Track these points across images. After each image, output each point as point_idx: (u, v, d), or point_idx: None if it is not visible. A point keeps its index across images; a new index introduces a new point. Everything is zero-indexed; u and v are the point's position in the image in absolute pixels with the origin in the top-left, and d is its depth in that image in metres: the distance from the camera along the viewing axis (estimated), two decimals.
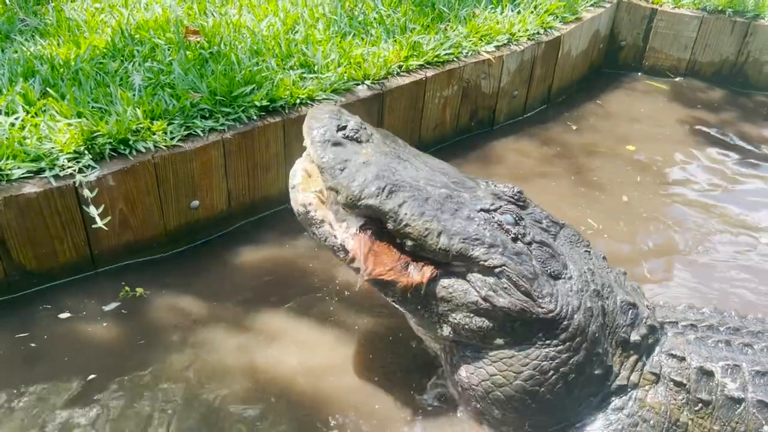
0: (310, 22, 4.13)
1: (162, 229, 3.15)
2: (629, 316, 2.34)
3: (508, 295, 2.18)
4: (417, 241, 2.16)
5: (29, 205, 2.71)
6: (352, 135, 2.28)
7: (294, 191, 2.35)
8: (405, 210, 2.15)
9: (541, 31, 4.68)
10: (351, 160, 2.20)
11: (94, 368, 2.62)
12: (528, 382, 2.21)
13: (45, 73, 3.23)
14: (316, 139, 2.25)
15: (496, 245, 2.20)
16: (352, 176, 2.17)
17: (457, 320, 2.22)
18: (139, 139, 2.96)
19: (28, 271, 2.86)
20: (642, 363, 2.33)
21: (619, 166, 4.37)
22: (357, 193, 2.16)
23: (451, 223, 2.18)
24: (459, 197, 2.28)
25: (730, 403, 2.27)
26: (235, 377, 2.65)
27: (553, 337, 2.20)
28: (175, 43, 3.63)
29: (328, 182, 2.20)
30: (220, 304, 2.98)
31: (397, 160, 2.29)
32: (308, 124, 2.31)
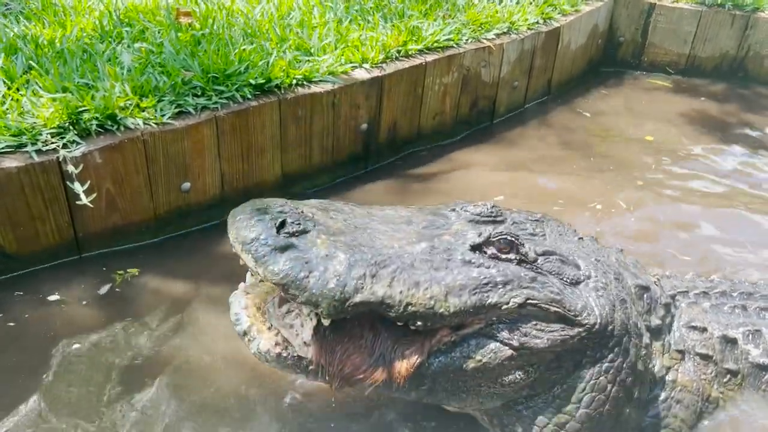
0: (305, 9, 4.01)
1: (152, 213, 2.98)
2: (645, 301, 2.14)
3: (543, 332, 1.90)
4: (426, 316, 1.78)
5: (9, 181, 2.54)
6: (297, 229, 1.80)
7: (249, 339, 1.89)
8: (398, 288, 1.77)
9: (540, 21, 4.60)
10: (311, 259, 1.74)
11: (76, 352, 2.45)
12: (591, 407, 1.95)
13: (28, 51, 3.08)
14: (260, 252, 1.73)
15: (510, 280, 1.89)
16: (324, 278, 1.72)
17: (499, 384, 1.91)
18: (128, 115, 2.81)
19: (8, 254, 2.68)
20: (667, 344, 2.14)
21: (625, 156, 4.26)
22: (340, 295, 1.71)
23: (451, 278, 1.84)
24: (442, 244, 1.94)
25: (756, 371, 2.13)
26: (225, 362, 2.47)
27: (603, 347, 1.96)
28: (166, 26, 3.49)
29: (299, 298, 1.71)
30: (210, 291, 2.80)
31: (358, 232, 1.90)
32: (239, 237, 1.79)
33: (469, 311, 1.83)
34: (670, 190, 3.90)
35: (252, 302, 1.96)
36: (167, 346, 2.52)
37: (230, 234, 1.83)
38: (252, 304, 1.95)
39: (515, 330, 1.88)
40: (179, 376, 2.40)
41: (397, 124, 3.90)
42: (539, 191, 3.77)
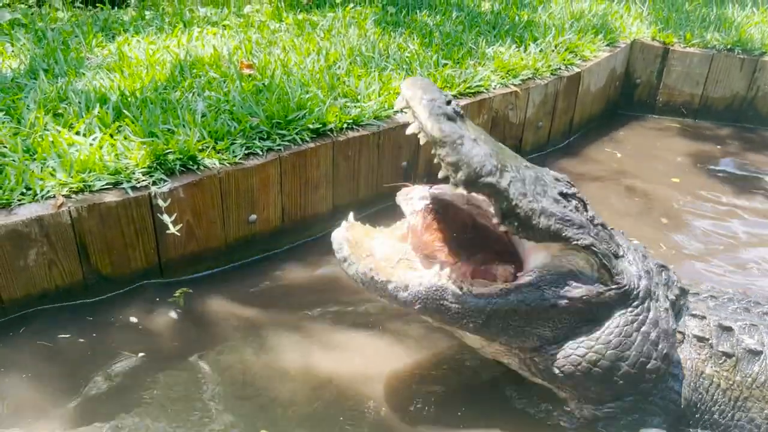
0: (350, 59, 4.46)
1: (223, 241, 3.39)
2: (663, 276, 2.56)
3: (583, 287, 2.31)
4: (523, 220, 2.20)
5: (109, 213, 2.96)
6: (460, 111, 2.19)
7: (348, 264, 2.32)
8: (513, 189, 2.17)
9: (562, 67, 5.01)
10: (465, 135, 2.10)
11: (148, 366, 2.81)
12: (618, 348, 2.32)
13: (116, 100, 3.54)
14: (434, 111, 2.09)
15: (584, 226, 2.33)
16: (471, 153, 2.08)
17: (540, 327, 2.33)
18: (206, 156, 3.24)
19: (103, 276, 3.10)
20: (674, 321, 2.51)
21: (647, 198, 4.61)
22: (478, 170, 2.07)
23: (546, 204, 2.26)
24: (543, 179, 2.37)
25: (750, 356, 2.45)
26: (289, 379, 2.80)
27: (629, 305, 2.36)
28: (230, 76, 3.95)
29: (449, 157, 2.07)
30: (275, 312, 3.18)
31: (492, 144, 2.29)
32: (419, 95, 2.13)
33: (550, 234, 2.26)
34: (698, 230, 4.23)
35: (351, 237, 2.39)
36: (232, 363, 2.88)
37: (408, 90, 2.17)
38: (351, 238, 2.38)
39: (562, 283, 2.31)
40: (242, 387, 2.75)
41: (433, 161, 4.29)
42: None
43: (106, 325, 2.99)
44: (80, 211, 2.88)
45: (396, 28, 5.22)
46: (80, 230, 2.92)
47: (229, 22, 5.20)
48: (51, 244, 2.88)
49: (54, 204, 2.84)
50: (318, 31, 5.03)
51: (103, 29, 4.83)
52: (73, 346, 2.86)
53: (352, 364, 2.91)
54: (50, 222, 2.83)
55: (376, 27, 5.18)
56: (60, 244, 2.90)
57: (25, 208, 2.81)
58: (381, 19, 5.40)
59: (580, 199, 2.43)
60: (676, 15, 6.46)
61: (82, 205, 2.89)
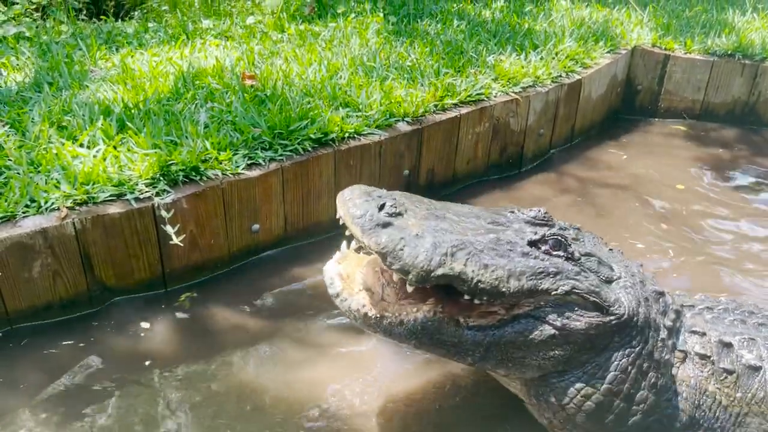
0: (351, 69, 4.49)
1: (226, 251, 3.41)
2: (660, 304, 2.53)
3: (581, 317, 2.30)
4: (491, 293, 2.19)
5: (113, 225, 2.99)
6: (394, 211, 2.22)
7: (341, 300, 2.31)
8: (471, 267, 2.17)
9: (563, 74, 5.03)
10: (405, 237, 2.15)
11: (150, 374, 2.84)
12: (613, 383, 2.33)
13: (119, 112, 3.57)
14: (366, 226, 2.17)
15: (560, 271, 2.29)
16: (415, 253, 2.12)
17: (540, 358, 2.31)
18: (209, 167, 3.26)
19: (107, 287, 3.12)
20: (674, 344, 2.50)
21: (651, 202, 4.61)
22: (426, 267, 2.12)
23: (513, 265, 2.23)
24: (505, 237, 2.33)
25: (749, 372, 2.44)
26: (291, 387, 2.83)
27: (626, 335, 2.35)
28: (232, 88, 3.98)
29: (394, 265, 2.13)
30: (277, 319, 3.20)
31: (438, 220, 2.30)
32: (349, 213, 2.22)
33: (525, 293, 2.23)
34: (698, 234, 4.24)
35: (343, 270, 2.39)
36: (234, 369, 2.90)
37: (341, 210, 2.27)
38: (343, 272, 2.38)
39: (559, 313, 2.29)
40: (243, 396, 2.78)
41: (434, 169, 4.32)
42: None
43: (110, 335, 3.01)
44: (84, 223, 2.91)
45: (397, 37, 5.26)
46: (84, 242, 2.94)
47: (232, 33, 5.24)
48: (55, 256, 2.90)
49: (58, 216, 2.87)
50: (320, 42, 5.07)
51: (107, 42, 4.88)
52: (75, 356, 2.88)
53: (354, 371, 2.92)
54: (54, 234, 2.86)
55: (377, 37, 5.21)
56: (64, 256, 2.92)
57: (30, 220, 2.84)
58: (382, 29, 5.43)
59: (554, 238, 2.36)
60: (677, 21, 6.48)
61: (86, 216, 2.92)
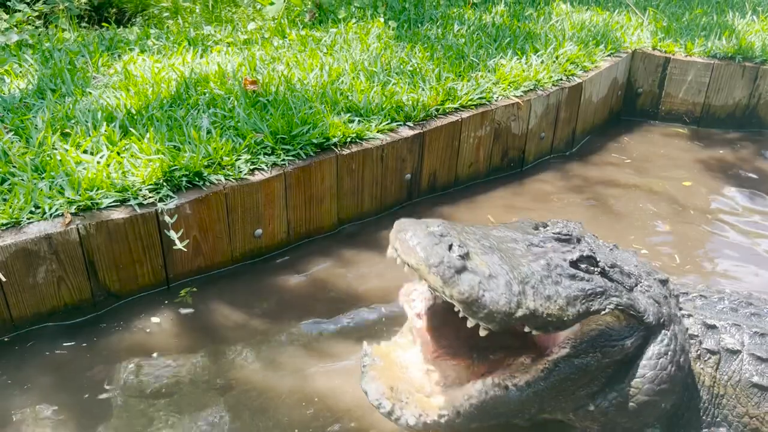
0: (353, 74, 4.51)
1: (229, 256, 3.42)
2: (666, 292, 2.56)
3: (615, 341, 2.32)
4: (556, 325, 2.18)
5: (117, 230, 3.00)
6: (464, 252, 2.07)
7: (395, 418, 2.22)
8: (539, 302, 2.12)
9: (564, 78, 5.05)
10: (482, 281, 2.04)
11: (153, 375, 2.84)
12: (654, 382, 2.34)
13: (122, 118, 3.58)
14: (447, 275, 1.99)
15: (605, 288, 2.30)
16: (496, 298, 2.03)
17: (588, 389, 2.34)
18: (212, 172, 3.28)
19: (111, 293, 3.13)
20: None
21: (654, 203, 4.62)
22: (508, 311, 2.04)
23: (567, 291, 2.22)
24: (552, 261, 2.30)
25: (728, 355, 2.48)
26: (290, 390, 2.83)
27: (658, 334, 2.38)
28: (234, 93, 4.00)
29: (478, 314, 2.02)
30: (278, 322, 3.20)
31: (494, 253, 2.20)
32: (421, 261, 2.02)
33: (582, 316, 2.24)
34: (703, 227, 4.25)
35: (385, 384, 2.29)
36: (236, 371, 2.91)
37: (409, 257, 2.05)
38: (385, 388, 2.27)
39: (594, 345, 2.31)
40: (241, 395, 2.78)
41: (436, 173, 4.33)
42: None
43: (112, 337, 3.02)
44: (88, 229, 2.92)
45: (398, 42, 5.28)
46: (88, 247, 2.96)
47: (234, 40, 5.27)
48: (60, 262, 2.91)
49: (62, 222, 2.88)
50: (321, 47, 5.09)
51: (109, 48, 4.90)
52: (80, 360, 2.89)
53: (353, 377, 2.92)
54: (59, 240, 2.87)
55: (378, 42, 5.23)
56: (68, 262, 2.94)
57: (34, 226, 2.86)
58: (383, 34, 5.45)
59: (588, 257, 2.36)
60: (677, 24, 6.50)
61: (90, 222, 2.93)
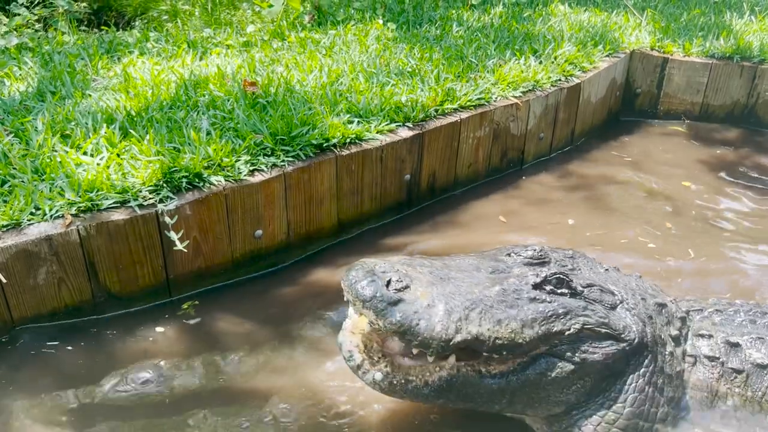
0: (352, 75, 4.52)
1: (230, 257, 3.43)
2: (663, 315, 2.55)
3: (597, 349, 2.33)
4: (509, 347, 2.21)
5: (117, 231, 3.01)
6: (401, 285, 2.20)
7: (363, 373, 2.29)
8: (486, 326, 2.18)
9: (562, 78, 5.06)
10: (418, 310, 2.14)
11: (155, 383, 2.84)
12: (634, 405, 2.36)
13: (122, 120, 3.59)
14: (379, 308, 2.13)
15: (568, 311, 2.32)
16: (431, 325, 2.12)
17: (563, 394, 2.34)
18: (211, 173, 3.28)
19: (112, 294, 3.13)
20: (683, 351, 2.53)
21: (654, 202, 4.63)
22: (445, 337, 2.13)
23: (524, 314, 2.25)
24: (510, 286, 2.34)
25: (758, 370, 2.47)
26: (293, 396, 2.82)
27: (639, 356, 2.38)
28: (234, 95, 4.01)
29: (413, 342, 2.13)
30: (280, 326, 3.21)
31: (444, 283, 2.29)
32: (358, 296, 2.17)
33: (541, 339, 2.26)
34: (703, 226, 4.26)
35: (359, 340, 2.36)
36: (239, 375, 2.91)
37: (349, 295, 2.21)
38: (360, 342, 2.35)
39: (576, 349, 2.31)
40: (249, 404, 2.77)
41: (436, 174, 4.34)
42: (567, 230, 4.16)
43: (114, 342, 3.02)
44: (88, 230, 2.93)
45: (397, 44, 5.29)
46: (89, 248, 2.96)
47: (233, 42, 5.28)
48: (60, 263, 2.92)
49: (63, 223, 2.89)
50: (320, 49, 5.10)
51: (109, 51, 4.91)
52: (81, 362, 2.90)
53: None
54: (59, 241, 2.88)
55: (377, 43, 5.24)
56: (69, 263, 2.94)
57: (35, 228, 2.86)
58: (382, 36, 5.46)
59: (555, 277, 2.38)
60: (675, 24, 6.51)
61: (91, 223, 2.93)
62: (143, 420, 2.64)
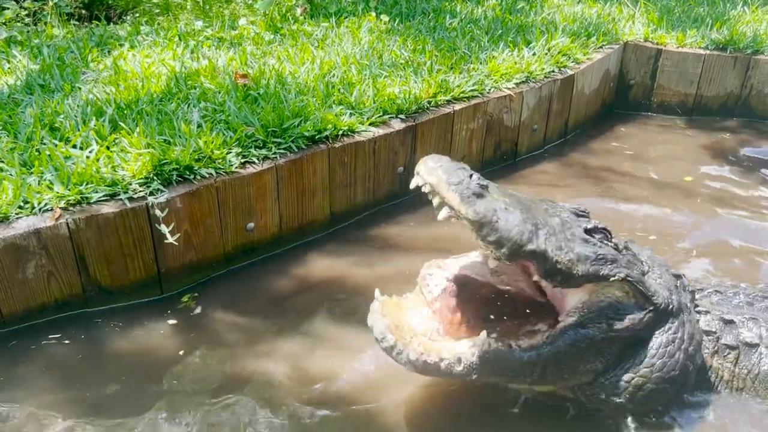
0: (345, 67, 4.49)
1: (221, 250, 3.40)
2: (680, 286, 2.59)
3: (624, 316, 2.35)
4: (565, 274, 2.24)
5: (107, 224, 2.98)
6: (484, 183, 2.19)
7: (397, 353, 2.27)
8: (551, 247, 2.20)
9: (555, 70, 5.04)
10: (497, 209, 2.15)
11: (155, 376, 2.82)
12: (663, 370, 2.38)
13: (112, 113, 3.56)
14: (465, 194, 2.11)
15: (616, 259, 2.35)
16: (509, 226, 2.13)
17: (592, 363, 2.36)
18: (202, 166, 3.25)
19: (103, 288, 3.11)
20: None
21: (650, 191, 4.62)
22: (519, 241, 2.13)
23: (579, 249, 2.29)
24: (566, 221, 2.37)
25: (747, 349, 2.52)
26: (290, 383, 2.81)
27: (666, 322, 2.41)
28: (225, 87, 3.98)
29: (490, 237, 2.12)
30: (274, 317, 3.19)
31: (513, 199, 2.30)
32: (443, 179, 2.14)
33: (589, 277, 2.29)
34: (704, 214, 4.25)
35: (391, 321, 2.35)
36: (236, 367, 2.89)
37: (430, 177, 2.18)
38: (391, 323, 2.34)
39: (603, 317, 2.34)
40: (243, 395, 2.75)
41: None
42: None
43: (107, 335, 3.00)
44: (78, 223, 2.90)
45: (390, 36, 5.26)
46: (78, 242, 2.94)
47: (225, 35, 5.24)
48: (49, 257, 2.89)
49: (51, 216, 2.86)
50: (312, 41, 5.06)
51: (99, 44, 4.86)
52: (71, 357, 2.88)
53: (354, 367, 2.91)
54: (48, 234, 2.85)
55: (369, 35, 5.21)
56: (58, 257, 2.91)
57: (23, 221, 2.83)
58: (375, 28, 5.43)
59: (603, 230, 2.42)
60: (668, 16, 6.49)
61: (80, 216, 2.91)
62: (137, 413, 2.62)
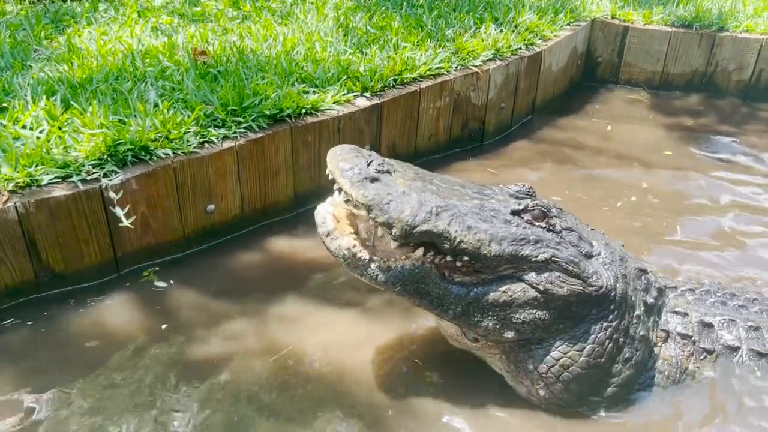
0: (308, 44, 4.39)
1: (181, 233, 3.32)
2: (642, 281, 2.57)
3: (564, 283, 2.34)
4: (472, 254, 2.26)
5: (59, 208, 2.87)
6: (382, 168, 2.29)
7: (332, 238, 2.32)
8: (455, 227, 2.23)
9: (523, 47, 5.00)
10: (391, 192, 2.22)
11: (116, 359, 2.76)
12: (591, 356, 2.38)
13: (64, 92, 3.42)
14: (355, 179, 2.22)
15: (540, 240, 2.35)
16: (401, 207, 2.19)
17: (521, 319, 2.34)
18: (159, 146, 3.15)
19: (56, 273, 3.01)
20: (655, 323, 2.54)
21: (618, 169, 4.62)
22: (411, 222, 2.19)
23: (495, 230, 2.29)
24: (490, 205, 2.39)
25: (727, 352, 2.51)
26: (256, 361, 2.78)
27: (604, 308, 2.39)
28: (184, 65, 3.86)
29: (379, 218, 2.19)
30: (237, 297, 3.14)
31: (425, 183, 2.37)
32: (338, 166, 2.28)
33: (505, 257, 2.30)
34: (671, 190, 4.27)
35: (336, 212, 2.40)
36: (199, 346, 2.84)
37: (330, 164, 2.32)
38: (335, 213, 2.39)
39: (542, 278, 2.34)
40: (211, 375, 2.71)
41: (396, 145, 4.26)
42: None
43: (63, 319, 2.91)
44: (27, 207, 2.79)
45: (355, 12, 5.16)
46: (28, 226, 2.83)
47: (186, 11, 5.09)
48: None
49: None
50: (276, 18, 4.94)
51: (54, 21, 4.69)
52: (29, 343, 2.79)
53: (322, 343, 2.88)
54: None
55: (335, 12, 5.10)
56: (7, 242, 2.81)
57: None
58: (340, 4, 5.32)
59: (537, 209, 2.42)
60: None
61: (30, 200, 2.80)
62: (97, 398, 2.55)
